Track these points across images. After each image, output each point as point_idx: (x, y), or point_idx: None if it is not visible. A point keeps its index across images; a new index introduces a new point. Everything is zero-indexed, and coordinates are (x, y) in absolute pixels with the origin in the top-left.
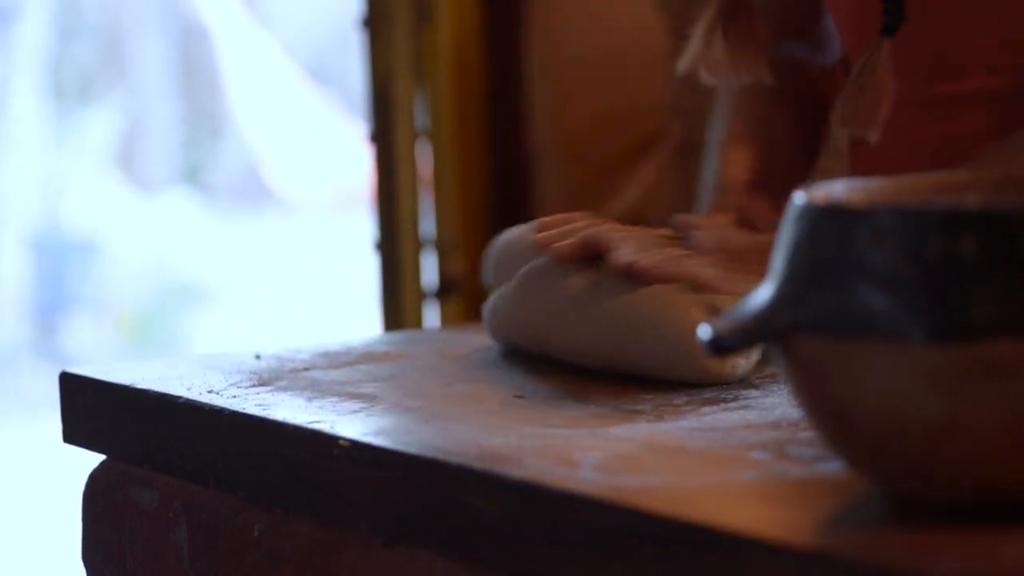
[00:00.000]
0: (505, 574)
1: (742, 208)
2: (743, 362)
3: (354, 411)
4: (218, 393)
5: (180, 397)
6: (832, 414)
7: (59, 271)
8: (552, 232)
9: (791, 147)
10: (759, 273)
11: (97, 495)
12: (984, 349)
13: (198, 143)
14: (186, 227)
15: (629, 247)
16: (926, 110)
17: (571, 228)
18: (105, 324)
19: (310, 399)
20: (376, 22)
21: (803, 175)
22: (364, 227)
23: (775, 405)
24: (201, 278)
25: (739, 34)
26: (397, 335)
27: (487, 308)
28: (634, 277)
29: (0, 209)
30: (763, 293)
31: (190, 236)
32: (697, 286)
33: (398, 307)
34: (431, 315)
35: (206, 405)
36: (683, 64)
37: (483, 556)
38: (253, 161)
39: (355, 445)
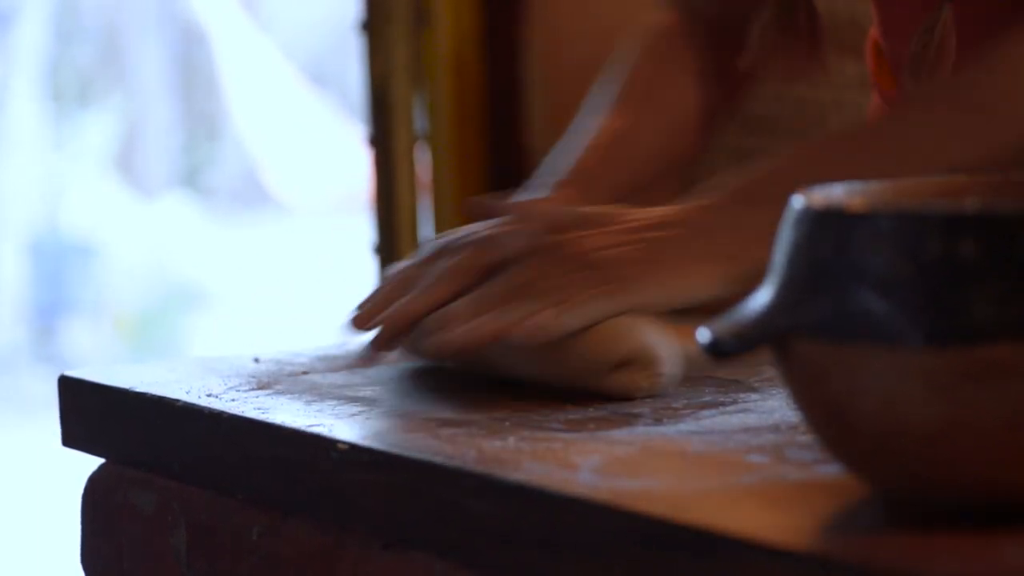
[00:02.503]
0: None
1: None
2: (664, 376)
3: (353, 414)
4: (217, 396)
5: (179, 400)
6: (831, 417)
7: (58, 274)
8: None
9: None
10: (602, 269)
11: (96, 498)
12: (983, 352)
13: (197, 146)
14: (185, 230)
15: (456, 314)
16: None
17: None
18: (104, 327)
19: (309, 402)
20: (375, 25)
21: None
22: (363, 230)
23: (774, 408)
24: (200, 281)
25: (797, 32)
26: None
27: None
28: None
29: None
30: (762, 296)
31: (189, 239)
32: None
33: None
34: None
35: (205, 408)
36: (742, 62)
37: (482, 559)
38: (252, 164)
39: (354, 448)
